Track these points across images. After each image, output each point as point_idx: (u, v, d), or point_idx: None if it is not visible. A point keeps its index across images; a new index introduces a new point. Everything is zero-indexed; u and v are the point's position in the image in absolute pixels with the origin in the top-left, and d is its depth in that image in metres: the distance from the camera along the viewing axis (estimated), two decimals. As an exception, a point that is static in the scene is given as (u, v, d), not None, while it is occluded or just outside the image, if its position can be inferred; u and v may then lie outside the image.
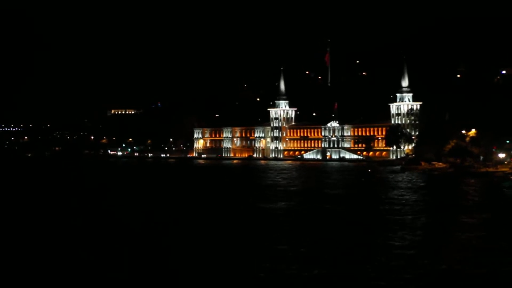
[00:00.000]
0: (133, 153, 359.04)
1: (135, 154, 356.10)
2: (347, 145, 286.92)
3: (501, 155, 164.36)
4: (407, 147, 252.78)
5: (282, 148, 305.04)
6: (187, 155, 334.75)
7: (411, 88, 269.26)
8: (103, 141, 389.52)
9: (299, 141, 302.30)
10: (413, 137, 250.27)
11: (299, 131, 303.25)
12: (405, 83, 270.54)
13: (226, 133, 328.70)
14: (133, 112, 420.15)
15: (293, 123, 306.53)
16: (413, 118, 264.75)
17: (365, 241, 54.61)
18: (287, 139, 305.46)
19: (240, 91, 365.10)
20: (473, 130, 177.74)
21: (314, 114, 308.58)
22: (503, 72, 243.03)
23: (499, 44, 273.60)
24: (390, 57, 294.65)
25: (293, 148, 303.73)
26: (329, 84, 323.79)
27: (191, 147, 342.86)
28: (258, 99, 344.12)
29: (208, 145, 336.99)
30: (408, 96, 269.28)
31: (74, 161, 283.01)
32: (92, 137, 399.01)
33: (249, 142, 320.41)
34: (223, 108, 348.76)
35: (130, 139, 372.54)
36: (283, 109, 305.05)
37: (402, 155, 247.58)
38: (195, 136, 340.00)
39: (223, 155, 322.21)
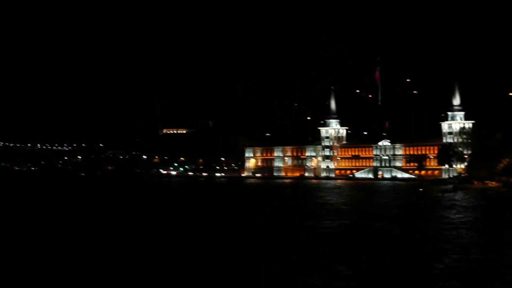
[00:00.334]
0: (186, 172, 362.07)
1: (189, 173, 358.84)
2: (398, 164, 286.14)
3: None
4: (459, 166, 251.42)
5: (333, 167, 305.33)
6: (240, 174, 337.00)
7: (463, 106, 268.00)
8: (155, 160, 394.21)
9: (350, 160, 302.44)
10: (465, 156, 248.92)
11: (350, 150, 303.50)
12: (456, 101, 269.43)
13: (277, 152, 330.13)
14: (184, 131, 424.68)
15: (344, 142, 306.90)
16: (465, 137, 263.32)
17: (423, 263, 54.90)
18: (338, 158, 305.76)
19: (290, 110, 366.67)
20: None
21: (365, 133, 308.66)
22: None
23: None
24: (440, 75, 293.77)
25: (344, 167, 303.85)
26: (380, 102, 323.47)
27: (242, 166, 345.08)
28: (308, 118, 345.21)
29: (259, 164, 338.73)
30: (459, 114, 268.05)
31: (125, 180, 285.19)
32: (144, 156, 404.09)
33: (300, 161, 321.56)
34: (273, 127, 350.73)
35: (181, 158, 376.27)
36: (334, 128, 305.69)
37: (454, 174, 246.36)
38: (246, 155, 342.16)
39: (274, 174, 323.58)
